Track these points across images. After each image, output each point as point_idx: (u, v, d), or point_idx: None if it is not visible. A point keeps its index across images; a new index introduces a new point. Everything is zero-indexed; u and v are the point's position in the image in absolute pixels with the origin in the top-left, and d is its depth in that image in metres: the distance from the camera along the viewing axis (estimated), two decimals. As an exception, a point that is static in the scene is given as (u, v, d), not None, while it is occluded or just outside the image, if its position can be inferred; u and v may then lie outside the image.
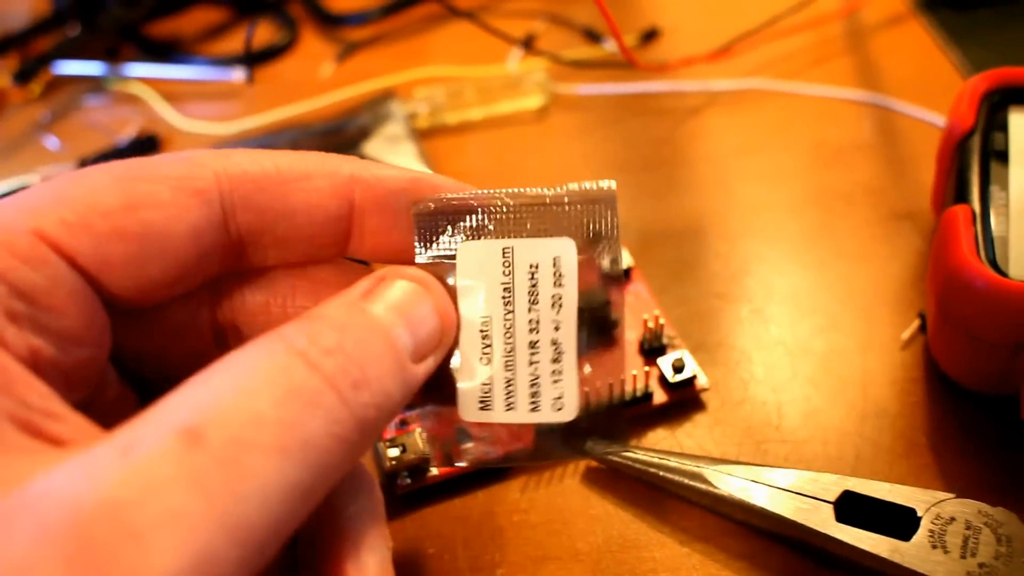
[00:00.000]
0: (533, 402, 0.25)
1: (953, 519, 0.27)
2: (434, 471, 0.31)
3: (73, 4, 0.58)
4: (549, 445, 0.27)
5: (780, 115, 0.47)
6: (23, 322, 0.20)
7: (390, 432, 0.33)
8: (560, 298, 0.25)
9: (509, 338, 0.25)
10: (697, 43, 0.50)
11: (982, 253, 0.30)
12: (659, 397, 0.33)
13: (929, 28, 0.51)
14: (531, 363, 0.25)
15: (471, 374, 0.25)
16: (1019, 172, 0.33)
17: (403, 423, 0.33)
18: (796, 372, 0.34)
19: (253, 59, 0.55)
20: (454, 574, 0.29)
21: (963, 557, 0.26)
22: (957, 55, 0.48)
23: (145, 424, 0.18)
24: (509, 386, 0.25)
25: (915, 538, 0.27)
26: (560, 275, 0.25)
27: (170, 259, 0.22)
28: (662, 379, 0.33)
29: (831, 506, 0.28)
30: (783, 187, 0.42)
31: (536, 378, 0.25)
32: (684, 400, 0.33)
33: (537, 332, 0.25)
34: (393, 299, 0.23)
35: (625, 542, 0.30)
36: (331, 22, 0.59)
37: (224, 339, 0.25)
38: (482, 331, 0.25)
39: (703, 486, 0.29)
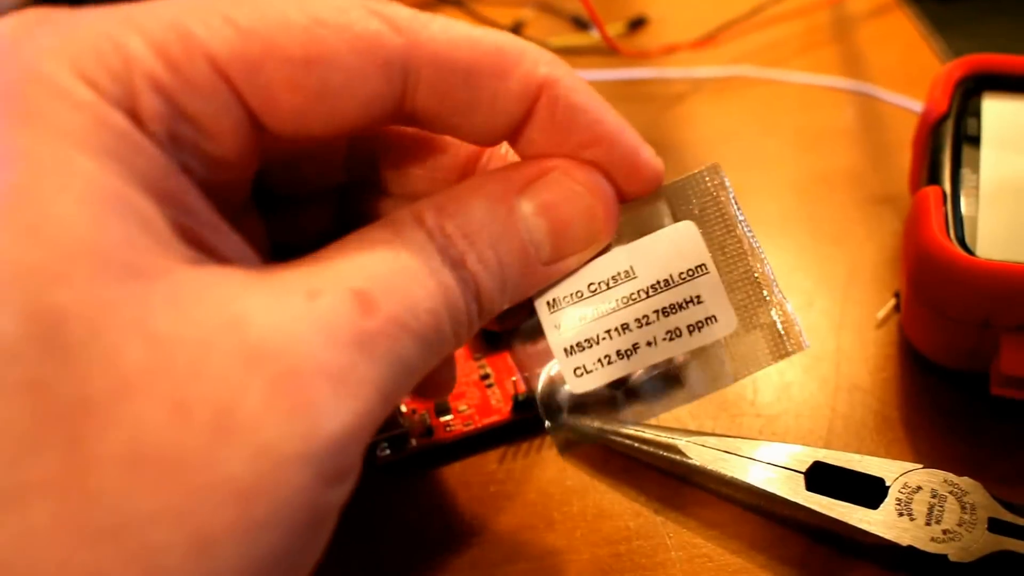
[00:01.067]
0: (573, 348, 0.24)
1: (920, 488, 0.27)
2: (413, 443, 0.32)
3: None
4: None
5: (764, 102, 0.47)
6: (185, 145, 0.19)
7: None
8: (678, 337, 0.24)
9: (622, 302, 0.24)
10: (685, 31, 0.50)
11: (951, 232, 0.30)
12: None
13: (913, 18, 0.51)
14: (608, 331, 0.24)
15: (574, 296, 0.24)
16: (991, 156, 0.33)
17: (385, 396, 0.33)
18: (772, 349, 0.35)
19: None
20: (432, 543, 0.30)
21: (928, 524, 0.27)
22: (940, 44, 0.49)
23: (322, 274, 0.19)
24: (577, 327, 0.24)
25: (882, 506, 0.27)
26: (699, 329, 0.24)
27: (336, 121, 0.21)
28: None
29: (802, 476, 0.28)
30: (765, 172, 0.43)
31: (596, 342, 0.24)
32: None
33: (639, 327, 0.24)
34: (548, 199, 0.22)
35: (600, 511, 0.30)
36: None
37: (356, 172, 0.26)
38: (605, 283, 0.24)
39: (677, 457, 0.30)
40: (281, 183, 0.25)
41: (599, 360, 0.24)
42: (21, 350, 0.15)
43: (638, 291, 0.24)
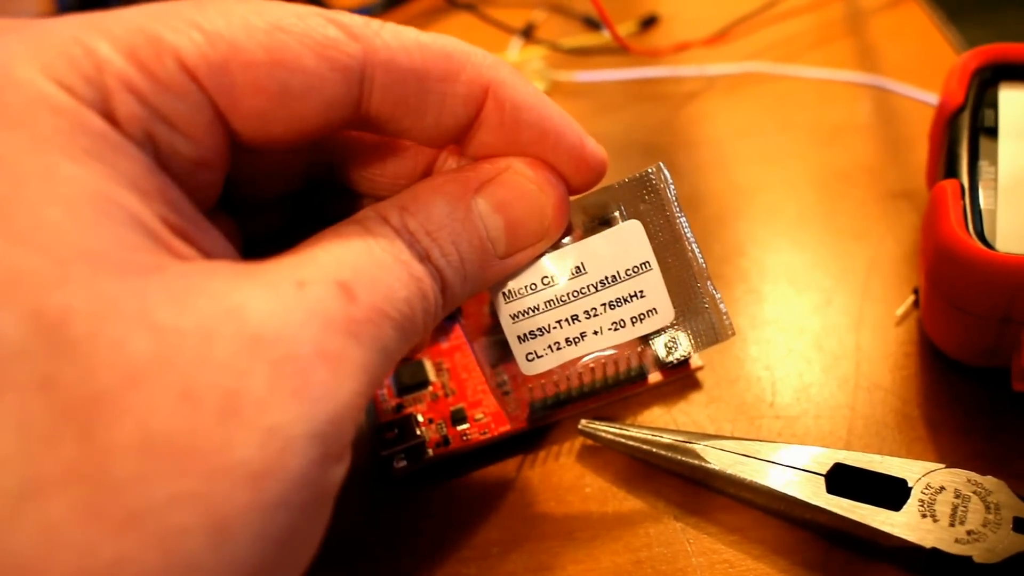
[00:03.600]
0: (526, 336, 0.27)
1: (943, 488, 0.27)
2: (430, 453, 0.32)
3: (77, 5, 0.58)
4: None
5: (778, 98, 0.47)
6: (162, 145, 0.19)
7: (387, 416, 0.33)
8: (622, 327, 0.27)
9: (571, 295, 0.26)
10: (697, 29, 0.50)
11: (970, 226, 0.30)
12: (654, 377, 0.33)
13: (927, 8, 0.51)
14: (558, 320, 0.26)
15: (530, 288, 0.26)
16: (1008, 147, 0.33)
17: (399, 407, 0.33)
18: (790, 350, 0.34)
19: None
20: (451, 554, 0.30)
21: (952, 525, 0.26)
22: (955, 35, 0.48)
23: (307, 267, 0.20)
24: (530, 316, 0.26)
25: (905, 508, 0.27)
26: (641, 320, 0.27)
27: (296, 123, 0.21)
28: (657, 359, 0.33)
29: (822, 478, 0.28)
30: (780, 168, 0.42)
31: (547, 330, 0.26)
32: (679, 379, 0.34)
33: (587, 318, 0.26)
34: (503, 198, 0.24)
35: (619, 518, 0.30)
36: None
37: (316, 176, 0.27)
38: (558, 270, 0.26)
39: (696, 462, 0.29)
40: (244, 187, 0.25)
41: (549, 347, 0.26)
42: (28, 349, 0.16)
43: (587, 285, 0.26)
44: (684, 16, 0.53)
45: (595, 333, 0.26)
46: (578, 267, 0.26)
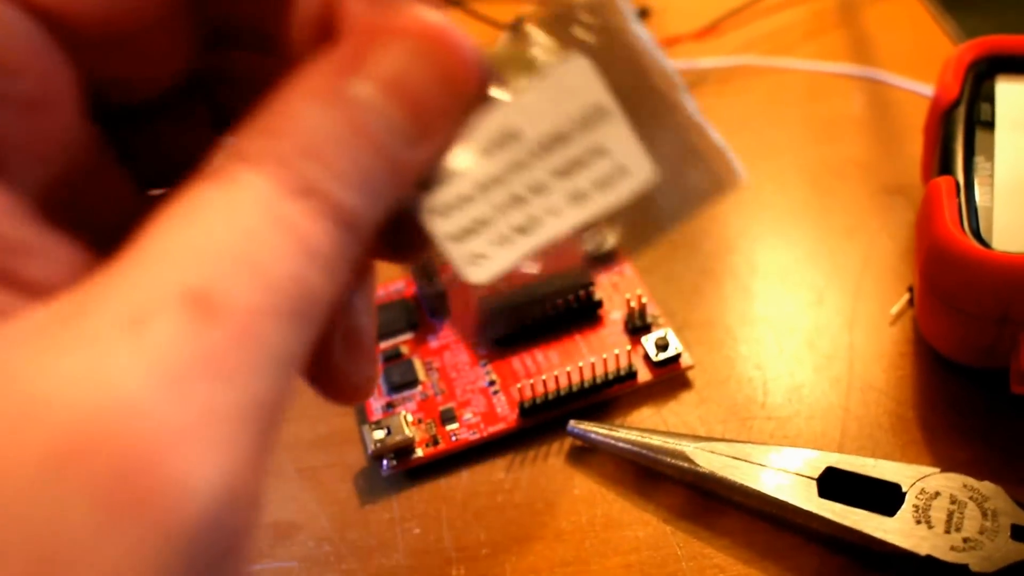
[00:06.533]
0: (461, 235, 0.20)
1: (938, 494, 0.27)
2: (419, 452, 0.31)
3: None
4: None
5: (770, 91, 0.46)
6: None
7: (376, 415, 0.32)
8: (584, 199, 0.19)
9: (508, 170, 0.19)
10: (687, 22, 0.49)
11: (965, 224, 0.29)
12: (644, 376, 0.33)
13: (922, -1, 0.50)
14: (497, 207, 0.20)
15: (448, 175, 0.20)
16: (1005, 142, 0.32)
17: (389, 406, 0.33)
18: (782, 349, 0.34)
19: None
20: (439, 554, 0.29)
21: (947, 532, 0.26)
22: (951, 26, 0.48)
23: (145, 283, 0.14)
24: (461, 208, 0.20)
25: (899, 513, 0.26)
26: (608, 185, 0.19)
27: None
28: (646, 358, 0.33)
29: (814, 482, 0.28)
30: (772, 163, 0.42)
31: (486, 223, 0.20)
32: (669, 378, 0.33)
33: (534, 196, 0.19)
34: (387, 72, 0.17)
35: (609, 521, 0.30)
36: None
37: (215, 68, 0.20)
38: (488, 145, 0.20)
39: (686, 464, 0.29)
40: (118, 91, 0.19)
41: (494, 241, 0.20)
42: None
43: (526, 154, 0.19)
44: (675, 8, 0.53)
45: (550, 213, 0.20)
46: (511, 133, 0.19)
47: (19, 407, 0.13)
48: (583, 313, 0.35)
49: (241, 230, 0.15)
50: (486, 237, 0.20)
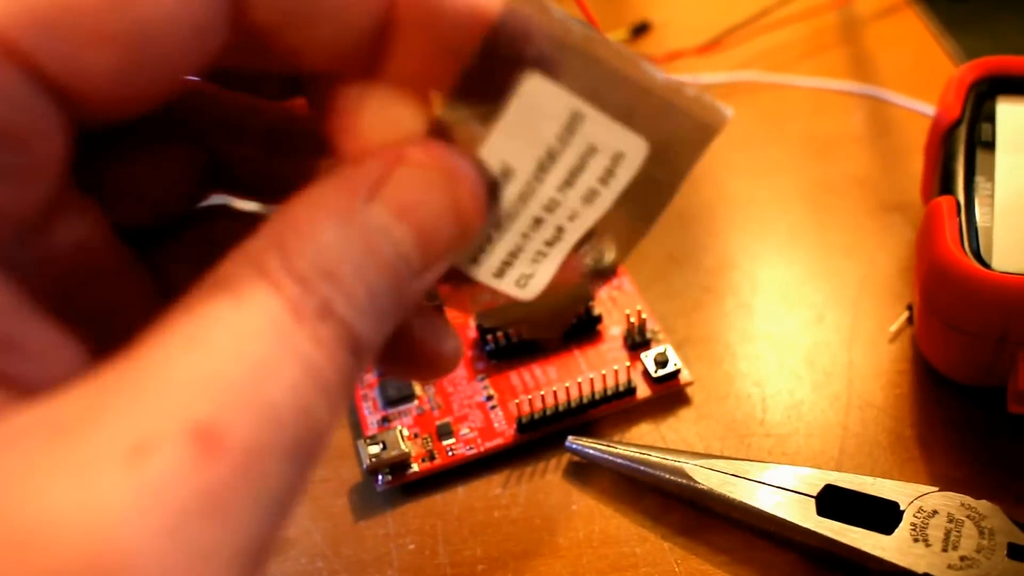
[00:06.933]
0: (501, 270, 0.21)
1: (936, 512, 0.27)
2: (415, 467, 0.31)
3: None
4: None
5: (771, 108, 0.46)
6: None
7: (371, 429, 0.32)
8: (596, 196, 0.20)
9: (518, 203, 0.20)
10: (689, 37, 0.50)
11: (966, 244, 0.29)
12: (643, 391, 0.33)
13: (924, 18, 0.50)
14: (523, 235, 0.20)
15: None
16: (1006, 162, 0.32)
17: (384, 420, 0.33)
18: (781, 366, 0.34)
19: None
20: (435, 570, 0.29)
21: (945, 550, 0.26)
22: (952, 45, 0.48)
23: (150, 410, 0.14)
24: (488, 244, 0.21)
25: (897, 532, 0.26)
26: (611, 174, 0.20)
27: (165, 66, 0.16)
28: (646, 373, 0.33)
29: (812, 500, 0.28)
30: (772, 180, 0.42)
31: (519, 250, 0.21)
32: (668, 394, 0.33)
33: (550, 213, 0.20)
34: (404, 199, 0.17)
35: (606, 537, 0.29)
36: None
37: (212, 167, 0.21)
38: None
39: (684, 481, 0.29)
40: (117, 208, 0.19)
41: (531, 261, 0.21)
42: None
43: (526, 184, 0.20)
44: (676, 23, 0.53)
45: (572, 219, 0.20)
46: (503, 172, 0.19)
47: (6, 533, 0.12)
48: (582, 328, 0.35)
49: (252, 361, 0.14)
50: (523, 260, 0.21)
